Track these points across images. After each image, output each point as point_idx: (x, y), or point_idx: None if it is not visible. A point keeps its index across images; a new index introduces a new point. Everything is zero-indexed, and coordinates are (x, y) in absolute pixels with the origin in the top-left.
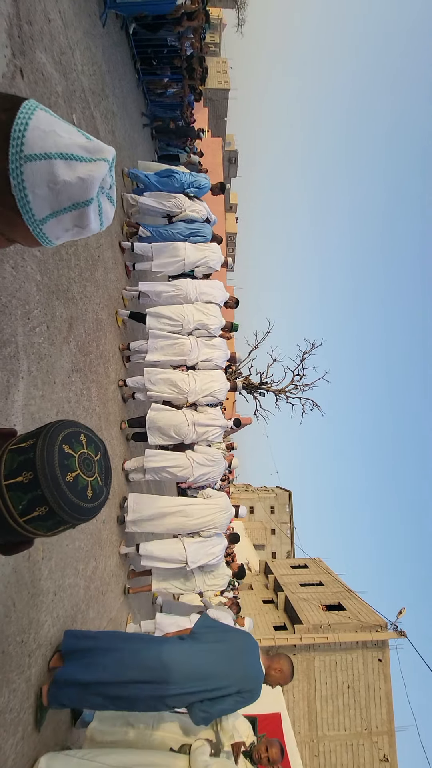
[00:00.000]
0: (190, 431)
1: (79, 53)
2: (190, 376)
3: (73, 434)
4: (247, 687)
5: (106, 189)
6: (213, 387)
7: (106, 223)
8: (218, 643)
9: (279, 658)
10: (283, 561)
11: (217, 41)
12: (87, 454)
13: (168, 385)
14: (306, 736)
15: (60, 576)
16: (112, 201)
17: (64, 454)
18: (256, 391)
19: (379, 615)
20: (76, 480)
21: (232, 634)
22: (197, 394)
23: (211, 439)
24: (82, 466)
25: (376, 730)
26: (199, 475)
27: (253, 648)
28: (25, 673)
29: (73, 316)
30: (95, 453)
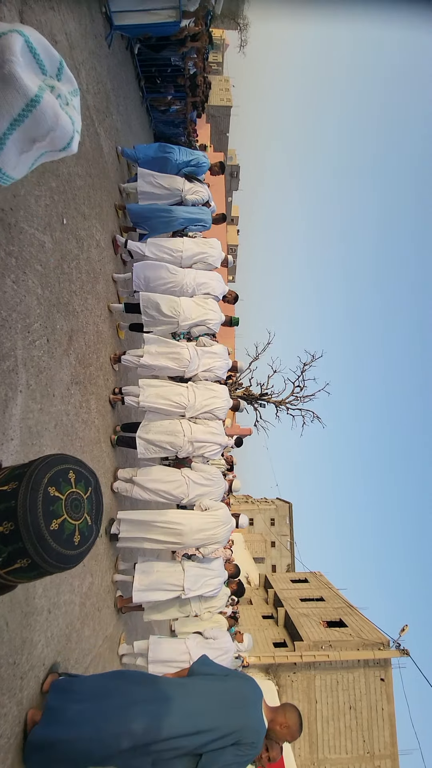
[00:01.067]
0: (186, 444)
1: (85, 72)
2: (190, 390)
3: (60, 473)
4: (248, 739)
5: (60, 99)
6: (214, 404)
7: (51, 124)
8: (217, 690)
9: (285, 710)
10: (283, 575)
11: (220, 60)
12: (75, 493)
13: (164, 398)
14: (306, 759)
15: (55, 593)
16: (68, 114)
17: (49, 499)
18: (256, 402)
19: (382, 632)
20: (61, 527)
21: (233, 681)
22: (196, 410)
23: (207, 456)
24: (69, 510)
25: (378, 754)
26: (194, 496)
27: (256, 697)
28: (16, 696)
29: (74, 329)
30: (85, 490)
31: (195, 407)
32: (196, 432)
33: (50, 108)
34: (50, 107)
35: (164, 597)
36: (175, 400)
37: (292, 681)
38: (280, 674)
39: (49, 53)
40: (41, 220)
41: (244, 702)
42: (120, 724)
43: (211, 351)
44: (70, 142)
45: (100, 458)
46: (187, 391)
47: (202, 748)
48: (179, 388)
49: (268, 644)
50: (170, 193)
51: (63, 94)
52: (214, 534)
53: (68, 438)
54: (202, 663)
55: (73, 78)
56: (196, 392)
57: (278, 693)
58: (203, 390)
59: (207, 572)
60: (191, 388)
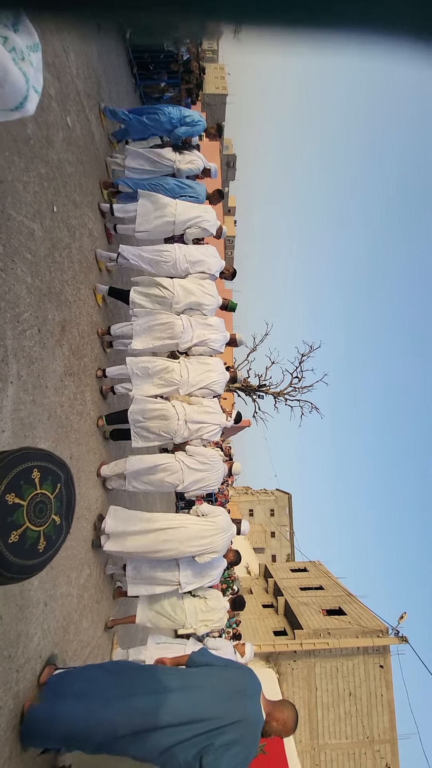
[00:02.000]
0: (181, 428)
1: (74, 56)
2: (182, 365)
3: (21, 474)
4: (248, 736)
5: (13, 52)
6: (209, 378)
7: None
8: (216, 680)
9: (283, 707)
10: (283, 564)
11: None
12: (40, 495)
13: (156, 376)
14: (307, 745)
15: (51, 586)
16: (21, 70)
17: (6, 509)
18: (254, 393)
19: (380, 620)
20: (22, 538)
21: (232, 671)
22: (190, 386)
23: (206, 438)
24: (31, 516)
25: (378, 739)
26: (190, 482)
27: (255, 689)
28: (12, 689)
29: (67, 320)
30: (53, 488)
31: (189, 383)
32: (191, 413)
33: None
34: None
35: (160, 590)
36: (168, 375)
37: (293, 669)
38: (281, 662)
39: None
40: (30, 208)
41: (243, 693)
42: (119, 711)
43: (206, 323)
44: (23, 101)
45: (96, 450)
46: (179, 366)
47: (202, 737)
48: (171, 363)
49: (268, 633)
50: (161, 166)
51: (18, 47)
52: (212, 543)
53: (63, 430)
54: (201, 654)
55: (34, 32)
56: (188, 367)
57: (279, 681)
58: (196, 364)
59: (205, 567)
60: (183, 363)
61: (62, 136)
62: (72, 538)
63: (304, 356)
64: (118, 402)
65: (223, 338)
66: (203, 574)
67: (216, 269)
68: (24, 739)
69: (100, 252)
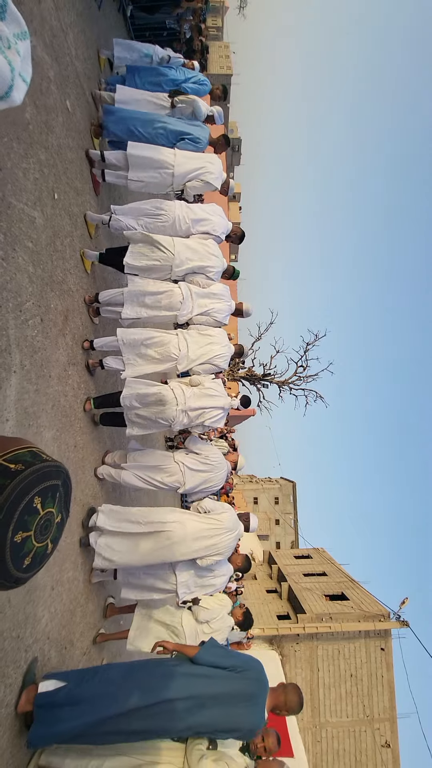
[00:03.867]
0: (180, 414)
1: (73, 36)
2: (180, 337)
3: (52, 488)
4: (246, 735)
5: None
6: (212, 351)
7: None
8: (222, 689)
9: (286, 691)
10: (287, 551)
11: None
12: (51, 514)
13: (150, 349)
14: (309, 723)
15: (58, 570)
16: (6, 59)
17: (30, 508)
18: (259, 382)
19: (382, 605)
20: (23, 542)
21: (238, 679)
22: (190, 360)
23: (209, 424)
24: (38, 529)
25: (378, 717)
26: (192, 486)
27: (260, 691)
28: (21, 667)
29: (69, 309)
30: (54, 502)
31: (189, 357)
32: (190, 399)
33: None
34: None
35: (157, 596)
36: (162, 351)
37: (295, 651)
38: (284, 645)
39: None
40: (31, 195)
41: (247, 701)
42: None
43: (209, 291)
44: (8, 90)
45: (100, 439)
46: (177, 338)
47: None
48: (169, 335)
49: (271, 617)
50: (156, 106)
51: (4, 35)
52: (216, 544)
53: (67, 419)
54: (208, 650)
55: (21, 19)
56: (188, 339)
57: (282, 662)
58: (197, 336)
59: (206, 571)
60: (182, 335)
61: (62, 121)
62: (78, 525)
63: (309, 345)
64: (106, 380)
65: (228, 308)
66: (204, 582)
67: (222, 230)
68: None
69: (90, 215)
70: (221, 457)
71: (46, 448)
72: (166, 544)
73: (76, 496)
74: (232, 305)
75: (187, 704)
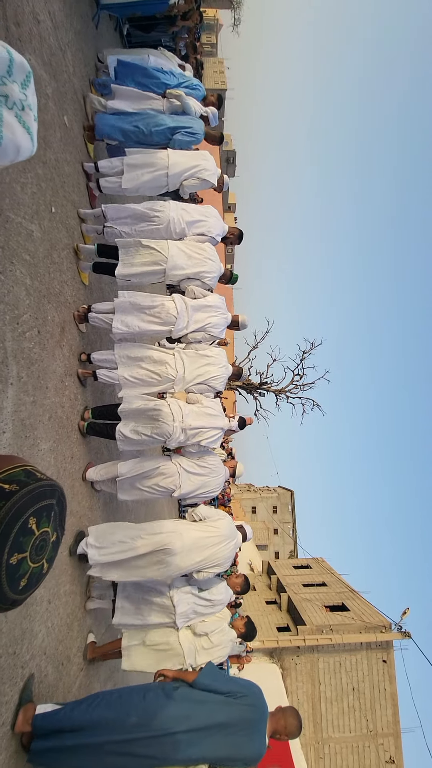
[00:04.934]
0: (176, 431)
1: (71, 54)
2: (178, 357)
3: (47, 508)
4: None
5: (13, 104)
6: (209, 372)
7: (9, 145)
8: (220, 719)
9: (285, 716)
10: (286, 561)
11: (213, 42)
12: (46, 534)
13: (147, 369)
14: (311, 738)
15: (55, 584)
16: (24, 125)
17: (25, 529)
18: (256, 391)
19: (383, 615)
20: (18, 564)
21: (236, 707)
22: (186, 382)
23: (204, 444)
24: (33, 550)
25: (381, 732)
26: (187, 490)
27: (260, 717)
28: (17, 684)
29: (66, 320)
30: (48, 521)
31: (185, 379)
32: (188, 416)
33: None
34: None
35: (153, 621)
36: (160, 372)
37: (296, 664)
38: (284, 658)
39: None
40: (28, 209)
41: (248, 729)
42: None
43: (205, 303)
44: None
45: (97, 450)
46: (174, 359)
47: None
48: (165, 355)
49: (271, 629)
50: (149, 102)
51: (17, 98)
52: (213, 554)
53: (64, 430)
54: (207, 675)
55: (24, 62)
56: (184, 359)
57: (282, 676)
58: (194, 356)
59: (204, 602)
60: (178, 355)
61: (60, 136)
62: (72, 536)
63: (306, 353)
64: (103, 390)
65: (225, 321)
66: (204, 611)
67: (218, 231)
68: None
69: (86, 226)
70: (219, 463)
71: (42, 459)
72: (163, 558)
73: (73, 508)
74: (229, 317)
75: (187, 736)
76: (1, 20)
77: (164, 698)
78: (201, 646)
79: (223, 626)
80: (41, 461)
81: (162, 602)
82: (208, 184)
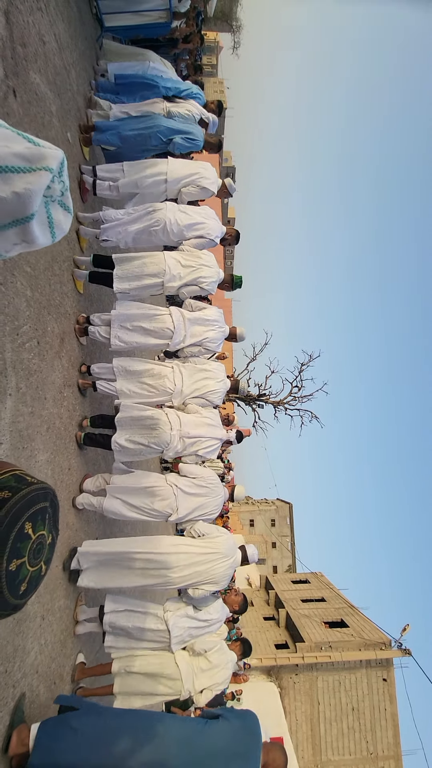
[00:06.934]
0: (174, 439)
1: (75, 74)
2: (176, 371)
3: (42, 511)
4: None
5: (56, 197)
6: (207, 386)
7: (59, 234)
8: (214, 748)
9: (273, 752)
10: (284, 576)
11: (214, 63)
12: (43, 537)
13: (146, 382)
14: (309, 761)
15: (49, 599)
16: (66, 209)
17: (21, 535)
18: (254, 403)
19: (383, 632)
20: (18, 570)
21: (231, 735)
22: (184, 396)
23: (202, 454)
24: (31, 554)
25: (382, 755)
26: (185, 513)
27: (254, 746)
28: (8, 705)
29: (66, 332)
30: (44, 524)
31: (183, 392)
32: (186, 425)
33: (39, 226)
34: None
35: (146, 646)
36: (158, 385)
37: (294, 683)
38: (282, 676)
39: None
40: None
41: (241, 758)
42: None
43: (202, 317)
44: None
45: (94, 461)
46: (172, 372)
47: None
48: (164, 368)
49: (269, 646)
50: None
51: (56, 189)
52: (208, 571)
53: (61, 441)
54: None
55: (53, 149)
56: (183, 373)
57: (280, 695)
58: (192, 370)
59: (200, 623)
60: (177, 369)
61: (63, 151)
62: (67, 549)
63: (304, 365)
64: (101, 401)
65: (222, 335)
66: (198, 632)
67: (216, 233)
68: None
69: (84, 229)
70: (218, 481)
71: (39, 471)
72: (158, 570)
73: (69, 521)
74: (226, 330)
75: (179, 760)
76: (8, 41)
77: (158, 728)
78: (199, 668)
79: (222, 645)
80: (38, 472)
81: (156, 627)
82: (207, 192)
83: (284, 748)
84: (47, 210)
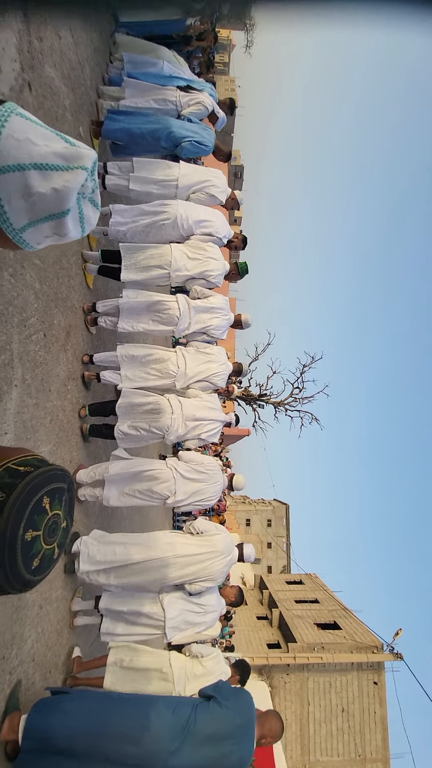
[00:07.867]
0: (175, 423)
1: (89, 69)
2: (179, 354)
3: (59, 491)
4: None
5: (87, 194)
6: (210, 369)
7: (88, 229)
8: (212, 727)
9: (268, 720)
10: (279, 576)
11: (226, 61)
12: (53, 517)
13: (149, 365)
14: (298, 761)
15: (47, 588)
16: (95, 205)
17: (39, 507)
18: (255, 402)
19: (376, 635)
20: (33, 542)
21: (226, 712)
22: (187, 378)
23: (204, 437)
24: (46, 539)
25: (370, 757)
26: (182, 497)
27: (248, 722)
28: (4, 691)
29: (72, 325)
30: (60, 504)
31: (187, 375)
32: (188, 408)
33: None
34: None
35: (141, 631)
36: (161, 368)
37: (285, 682)
38: (273, 675)
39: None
40: None
41: (235, 737)
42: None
43: (208, 304)
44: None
45: (96, 454)
46: (175, 356)
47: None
48: (167, 353)
49: (261, 645)
50: (161, 109)
51: (88, 186)
52: (206, 568)
53: (64, 434)
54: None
55: (84, 148)
56: (186, 357)
57: (271, 694)
58: (195, 354)
59: (195, 607)
60: (180, 352)
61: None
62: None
63: (306, 367)
64: (104, 395)
65: (227, 322)
66: (194, 618)
67: (224, 233)
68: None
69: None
70: (218, 468)
71: None
72: (156, 567)
73: None
74: (231, 318)
75: (172, 745)
76: (25, 34)
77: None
78: (193, 673)
79: (219, 655)
80: None
81: (151, 611)
82: (215, 200)
83: (279, 714)
84: (79, 206)
